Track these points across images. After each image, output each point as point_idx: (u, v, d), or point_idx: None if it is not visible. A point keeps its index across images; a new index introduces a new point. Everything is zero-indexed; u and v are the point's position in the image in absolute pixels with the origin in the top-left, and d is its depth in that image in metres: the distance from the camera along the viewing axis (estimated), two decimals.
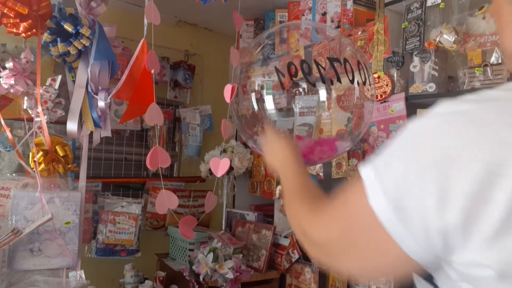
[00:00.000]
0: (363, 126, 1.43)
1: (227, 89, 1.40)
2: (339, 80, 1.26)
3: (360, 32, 1.84)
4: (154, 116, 1.32)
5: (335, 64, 1.25)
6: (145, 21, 1.41)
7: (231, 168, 2.28)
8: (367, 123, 1.45)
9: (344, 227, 0.58)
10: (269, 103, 1.32)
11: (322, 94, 1.32)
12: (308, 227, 0.66)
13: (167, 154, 1.33)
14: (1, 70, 1.56)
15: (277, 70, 1.26)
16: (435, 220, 0.46)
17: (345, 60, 1.27)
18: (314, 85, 1.28)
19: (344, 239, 0.58)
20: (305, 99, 1.39)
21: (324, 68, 1.26)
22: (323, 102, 1.36)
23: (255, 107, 1.33)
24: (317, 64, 1.25)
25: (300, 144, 1.31)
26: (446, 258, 0.49)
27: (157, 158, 1.30)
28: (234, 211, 2.44)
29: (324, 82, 1.26)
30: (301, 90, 1.33)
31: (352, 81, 1.28)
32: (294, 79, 1.27)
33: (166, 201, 1.33)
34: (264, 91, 1.33)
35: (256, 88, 1.34)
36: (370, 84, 1.34)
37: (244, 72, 1.39)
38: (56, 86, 1.63)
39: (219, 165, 1.43)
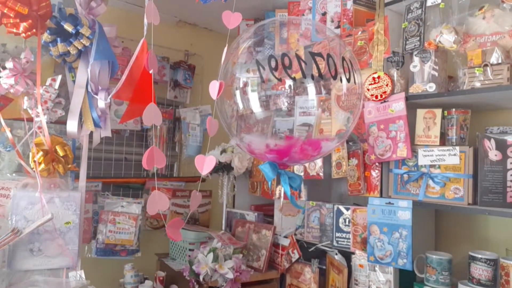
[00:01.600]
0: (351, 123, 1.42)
1: (213, 86, 1.38)
2: (320, 76, 1.26)
3: (360, 32, 1.84)
4: (151, 116, 1.31)
5: (317, 59, 1.24)
6: (145, 21, 1.41)
7: (231, 168, 2.28)
8: (354, 121, 1.45)
9: None
10: (254, 101, 1.31)
11: (310, 90, 1.32)
12: None
13: (163, 154, 1.32)
14: (1, 70, 1.56)
15: (258, 63, 1.25)
16: None
17: (329, 56, 1.26)
18: (294, 79, 1.27)
19: None
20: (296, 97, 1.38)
21: (305, 62, 1.25)
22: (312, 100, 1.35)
23: (241, 105, 1.32)
24: (298, 58, 1.24)
25: (285, 143, 1.30)
26: None
27: (153, 158, 1.29)
28: (234, 211, 2.44)
29: (304, 76, 1.25)
30: (287, 87, 1.33)
31: (334, 77, 1.27)
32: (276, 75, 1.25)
33: (157, 202, 1.31)
34: (249, 88, 1.32)
35: (241, 85, 1.33)
36: (355, 82, 1.33)
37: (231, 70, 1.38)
38: (56, 86, 1.63)
39: (204, 162, 1.40)
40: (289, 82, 1.33)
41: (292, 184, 1.40)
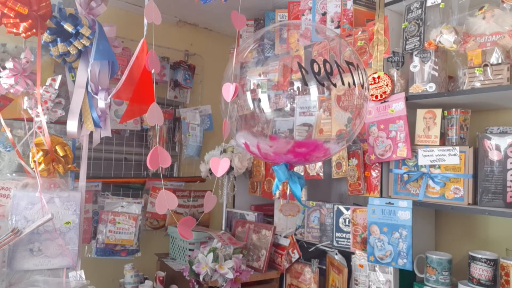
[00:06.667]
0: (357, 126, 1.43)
1: (227, 88, 1.38)
2: (354, 83, 1.27)
3: (360, 32, 1.84)
4: (155, 116, 1.32)
5: (351, 68, 1.26)
6: (145, 21, 1.41)
7: (231, 168, 2.28)
8: (361, 123, 1.46)
9: None
10: (265, 103, 1.32)
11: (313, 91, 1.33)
12: None
13: (167, 154, 1.33)
14: (1, 70, 1.56)
15: (300, 66, 1.25)
16: None
17: (357, 65, 1.29)
18: (335, 85, 1.28)
19: None
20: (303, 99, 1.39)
21: (343, 70, 1.26)
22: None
23: (251, 106, 1.33)
24: (338, 66, 1.25)
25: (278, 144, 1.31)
26: None
27: (158, 158, 1.30)
28: (234, 211, 2.44)
29: (343, 83, 1.27)
30: (295, 88, 1.33)
31: (343, 83, 1.29)
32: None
33: (165, 201, 1.33)
34: (260, 90, 1.33)
35: (252, 87, 1.34)
36: (355, 84, 1.34)
37: (242, 71, 1.39)
38: (56, 86, 1.63)
39: (219, 165, 1.42)
40: (297, 84, 1.34)
41: (299, 185, 1.41)
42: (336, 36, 1.55)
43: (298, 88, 1.34)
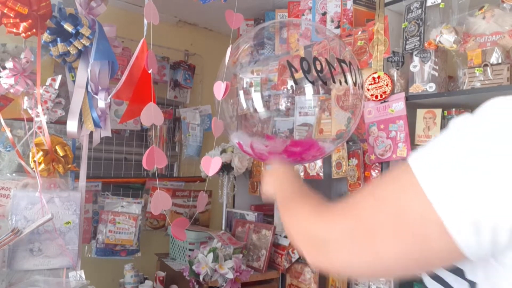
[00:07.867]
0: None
1: (218, 87, 1.38)
2: (346, 81, 1.27)
3: (360, 32, 1.84)
4: (150, 116, 1.32)
5: (343, 66, 1.25)
6: (145, 21, 1.41)
7: (231, 168, 2.28)
8: (355, 122, 1.45)
9: (365, 216, 0.54)
10: (258, 102, 1.31)
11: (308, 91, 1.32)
12: (312, 224, 0.63)
13: (163, 154, 1.33)
14: (1, 70, 1.56)
15: (289, 64, 1.25)
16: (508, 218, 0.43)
17: (350, 62, 1.28)
18: (326, 83, 1.27)
19: (359, 231, 0.54)
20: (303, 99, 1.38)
21: (335, 68, 1.25)
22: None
23: (247, 105, 1.33)
24: (329, 65, 1.25)
25: (275, 144, 1.31)
26: (503, 253, 0.46)
27: (154, 158, 1.30)
28: (234, 211, 2.44)
29: (334, 81, 1.26)
30: (289, 87, 1.33)
31: (346, 82, 1.29)
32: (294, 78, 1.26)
33: (160, 202, 1.33)
34: (253, 89, 1.32)
35: (245, 86, 1.34)
36: (347, 83, 1.34)
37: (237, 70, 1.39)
38: (56, 86, 1.63)
39: (211, 164, 1.41)
40: (290, 83, 1.34)
41: None
42: (335, 36, 1.55)
43: (292, 87, 1.34)
